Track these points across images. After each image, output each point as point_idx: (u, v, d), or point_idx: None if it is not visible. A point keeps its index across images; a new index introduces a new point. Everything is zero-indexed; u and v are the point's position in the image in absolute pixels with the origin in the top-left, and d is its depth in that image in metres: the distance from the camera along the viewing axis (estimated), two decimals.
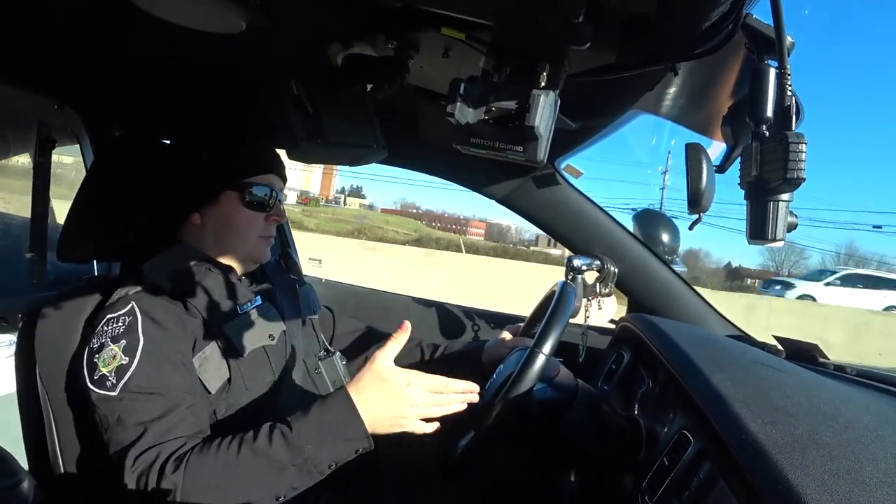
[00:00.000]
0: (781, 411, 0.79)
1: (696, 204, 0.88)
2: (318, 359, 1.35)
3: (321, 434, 0.96)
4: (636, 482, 1.01)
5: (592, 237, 1.62)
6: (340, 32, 0.94)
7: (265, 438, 0.95)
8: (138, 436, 0.97)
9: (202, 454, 0.95)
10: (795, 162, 0.59)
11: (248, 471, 0.94)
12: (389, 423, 1.00)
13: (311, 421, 0.97)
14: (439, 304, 1.92)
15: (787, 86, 0.64)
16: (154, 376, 1.02)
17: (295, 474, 0.95)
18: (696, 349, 1.08)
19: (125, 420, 0.99)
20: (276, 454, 0.94)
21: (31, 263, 1.48)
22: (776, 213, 0.63)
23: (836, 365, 1.33)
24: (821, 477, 0.61)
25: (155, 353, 1.04)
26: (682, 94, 1.06)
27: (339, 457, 0.98)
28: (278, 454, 0.94)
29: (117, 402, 1.00)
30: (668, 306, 1.61)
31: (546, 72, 0.73)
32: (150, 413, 0.99)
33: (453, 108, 0.72)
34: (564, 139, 1.29)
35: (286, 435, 0.95)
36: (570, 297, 1.17)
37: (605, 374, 1.50)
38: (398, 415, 1.00)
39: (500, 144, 0.74)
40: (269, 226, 1.26)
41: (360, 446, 0.98)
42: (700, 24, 0.71)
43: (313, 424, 0.96)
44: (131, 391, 1.00)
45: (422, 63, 0.96)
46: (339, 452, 0.97)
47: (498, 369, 1.25)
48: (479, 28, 0.78)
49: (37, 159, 1.48)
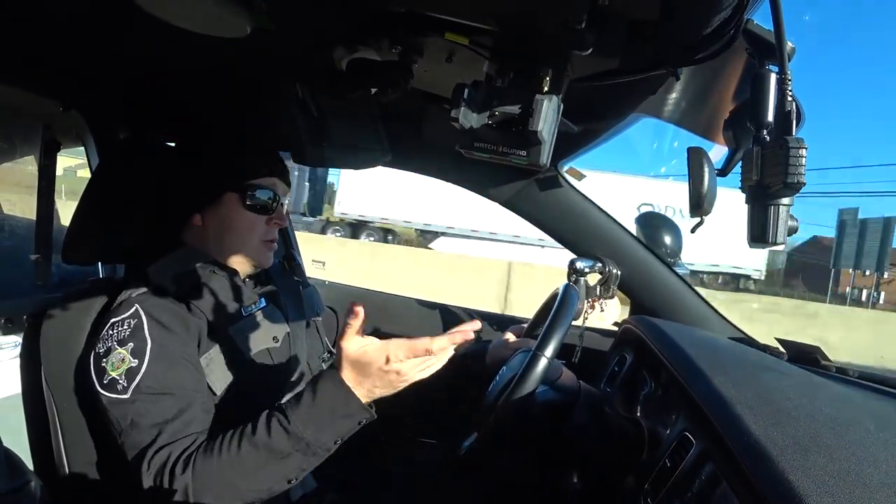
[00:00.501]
0: (783, 413, 0.79)
1: (698, 207, 0.88)
2: (322, 360, 1.36)
3: (319, 417, 0.96)
4: (638, 483, 1.01)
5: (595, 239, 1.62)
6: (345, 37, 0.94)
7: (264, 430, 0.96)
8: (154, 437, 0.98)
9: (206, 454, 0.96)
10: (795, 167, 0.60)
11: (253, 464, 0.95)
12: (385, 392, 0.99)
13: (304, 406, 0.96)
14: (443, 306, 1.92)
15: (788, 91, 0.65)
16: (164, 377, 1.03)
17: (300, 458, 0.96)
18: (698, 351, 1.09)
19: (139, 422, 0.99)
20: (276, 444, 0.95)
21: (35, 265, 1.48)
22: (777, 216, 0.64)
23: (839, 367, 1.33)
24: (822, 479, 0.61)
25: (163, 354, 1.04)
26: (684, 97, 1.07)
27: (342, 432, 0.98)
28: (279, 444, 0.95)
29: (129, 405, 1.00)
30: (670, 308, 1.61)
31: (549, 77, 0.74)
32: (164, 414, 1.00)
33: (457, 113, 0.73)
34: (567, 142, 1.30)
35: (284, 425, 0.95)
36: (573, 300, 1.18)
37: (607, 376, 1.50)
38: (390, 387, 0.98)
39: (504, 148, 0.75)
40: (271, 230, 1.25)
41: (361, 418, 0.98)
42: (702, 30, 0.72)
43: (307, 409, 0.96)
44: (143, 392, 1.01)
45: (425, 67, 0.97)
46: (341, 429, 0.98)
47: (501, 371, 1.25)
48: (483, 33, 0.79)
49: (42, 161, 1.49)
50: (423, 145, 1.59)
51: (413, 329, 1.88)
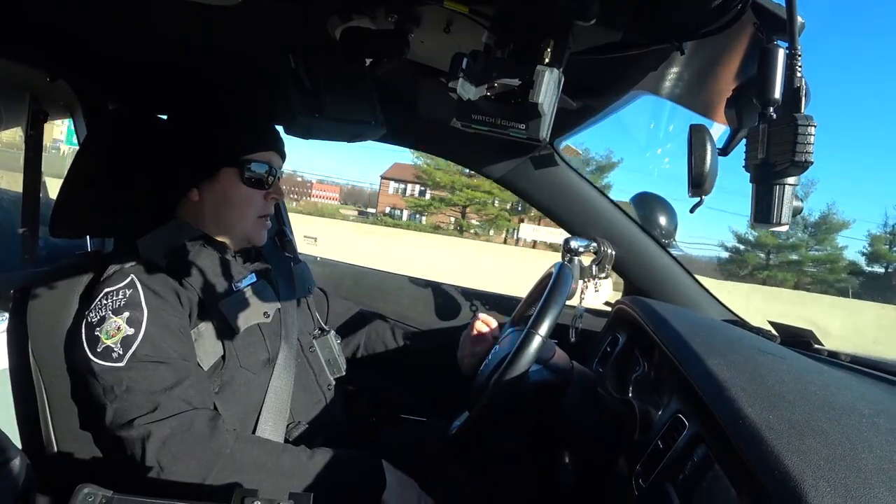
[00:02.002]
0: (778, 397, 0.79)
1: (698, 186, 0.87)
2: (313, 337, 1.35)
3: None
4: (630, 465, 1.01)
5: (590, 219, 1.62)
6: (339, 4, 0.92)
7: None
8: (152, 408, 0.98)
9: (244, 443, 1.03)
10: (804, 145, 0.58)
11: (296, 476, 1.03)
12: None
13: None
14: (435, 285, 1.92)
15: (797, 67, 0.63)
16: (161, 346, 1.03)
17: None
18: (692, 333, 1.08)
19: (134, 388, 1.00)
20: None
21: (23, 239, 1.46)
22: (782, 196, 0.63)
23: (830, 351, 1.34)
24: (817, 463, 0.61)
25: (159, 324, 1.05)
26: (686, 74, 1.05)
27: None
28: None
29: (125, 372, 1.00)
30: (664, 289, 1.61)
31: (550, 48, 0.72)
32: (161, 383, 1.01)
33: (455, 84, 0.71)
34: (565, 119, 1.28)
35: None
36: (567, 279, 1.17)
37: (599, 357, 1.50)
38: None
39: (503, 121, 0.73)
40: (268, 204, 1.25)
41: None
42: (710, 3, 0.70)
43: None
44: (140, 360, 1.01)
45: (422, 38, 0.95)
46: None
47: (493, 350, 1.25)
48: (484, 2, 0.77)
49: (28, 132, 1.46)
50: (419, 119, 1.57)
51: (405, 307, 1.88)
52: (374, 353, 1.54)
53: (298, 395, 1.22)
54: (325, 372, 1.33)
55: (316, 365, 1.31)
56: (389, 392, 1.59)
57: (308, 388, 1.28)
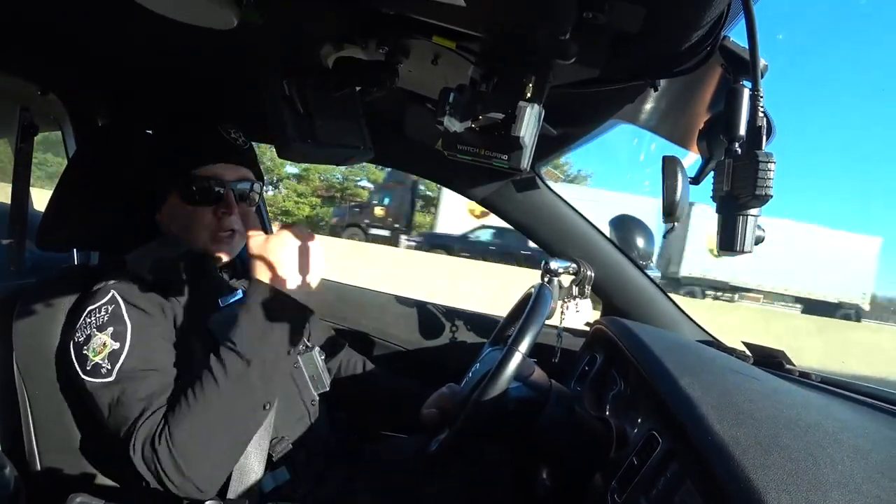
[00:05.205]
0: (746, 415, 0.82)
1: (670, 214, 0.91)
2: (298, 353, 1.35)
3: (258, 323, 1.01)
4: (606, 481, 1.03)
5: (569, 241, 1.65)
6: (333, 35, 0.95)
7: (216, 364, 0.99)
8: (140, 411, 0.99)
9: (174, 413, 0.97)
10: (764, 180, 0.62)
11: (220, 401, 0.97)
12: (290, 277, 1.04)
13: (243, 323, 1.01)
14: (420, 304, 1.93)
15: (760, 107, 0.67)
16: (147, 357, 1.04)
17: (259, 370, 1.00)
18: (667, 353, 1.11)
19: (125, 400, 1.00)
20: (231, 368, 0.98)
21: (9, 250, 1.46)
22: (745, 226, 0.67)
23: (801, 371, 1.37)
24: (780, 477, 0.64)
25: (143, 336, 1.05)
26: (661, 107, 1.09)
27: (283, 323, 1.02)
28: (233, 367, 0.98)
29: (115, 386, 1.01)
30: (641, 310, 1.64)
31: (532, 83, 0.76)
32: (149, 388, 1.01)
33: (443, 118, 0.74)
34: (545, 145, 1.32)
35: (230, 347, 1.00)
36: (546, 299, 1.20)
37: (577, 375, 1.53)
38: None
39: (486, 152, 0.77)
40: (223, 220, 1.20)
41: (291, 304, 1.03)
42: (681, 45, 0.74)
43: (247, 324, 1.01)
44: (126, 373, 1.01)
45: (411, 68, 0.98)
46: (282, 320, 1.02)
47: (474, 367, 1.27)
48: (470, 39, 0.80)
49: (18, 145, 1.46)
50: (405, 143, 1.60)
51: (390, 325, 1.89)
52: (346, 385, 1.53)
53: (282, 411, 1.21)
54: (308, 388, 1.32)
55: (300, 381, 1.31)
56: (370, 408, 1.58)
57: (292, 403, 1.27)
